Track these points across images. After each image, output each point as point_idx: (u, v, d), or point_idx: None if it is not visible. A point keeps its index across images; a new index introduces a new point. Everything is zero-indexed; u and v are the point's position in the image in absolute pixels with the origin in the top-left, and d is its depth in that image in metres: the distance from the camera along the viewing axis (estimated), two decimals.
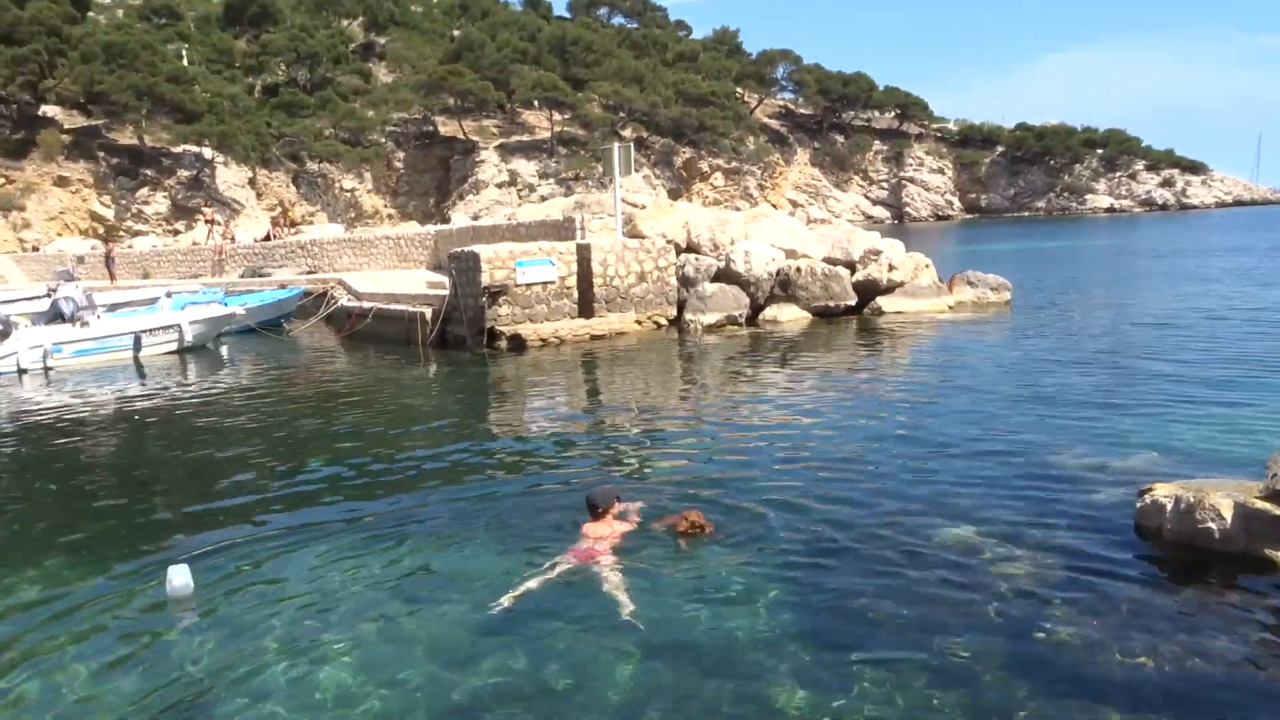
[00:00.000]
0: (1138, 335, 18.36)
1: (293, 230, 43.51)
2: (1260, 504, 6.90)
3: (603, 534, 7.77)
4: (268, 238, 40.54)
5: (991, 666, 5.68)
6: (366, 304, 24.93)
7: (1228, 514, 6.96)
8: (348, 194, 72.93)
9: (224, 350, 24.23)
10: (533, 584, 7.08)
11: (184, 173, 61.35)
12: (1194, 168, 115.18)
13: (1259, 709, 5.17)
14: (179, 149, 61.63)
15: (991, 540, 7.55)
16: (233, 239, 40.26)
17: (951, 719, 5.15)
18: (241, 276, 34.13)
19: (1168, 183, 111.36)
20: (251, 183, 64.85)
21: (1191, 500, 7.15)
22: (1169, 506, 7.30)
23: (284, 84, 75.67)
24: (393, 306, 23.77)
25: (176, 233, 56.85)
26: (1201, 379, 13.65)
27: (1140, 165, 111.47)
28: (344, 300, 26.69)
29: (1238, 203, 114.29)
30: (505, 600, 6.85)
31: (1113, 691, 5.35)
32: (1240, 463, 8.91)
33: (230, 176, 63.34)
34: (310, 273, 32.62)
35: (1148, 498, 7.56)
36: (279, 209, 57.97)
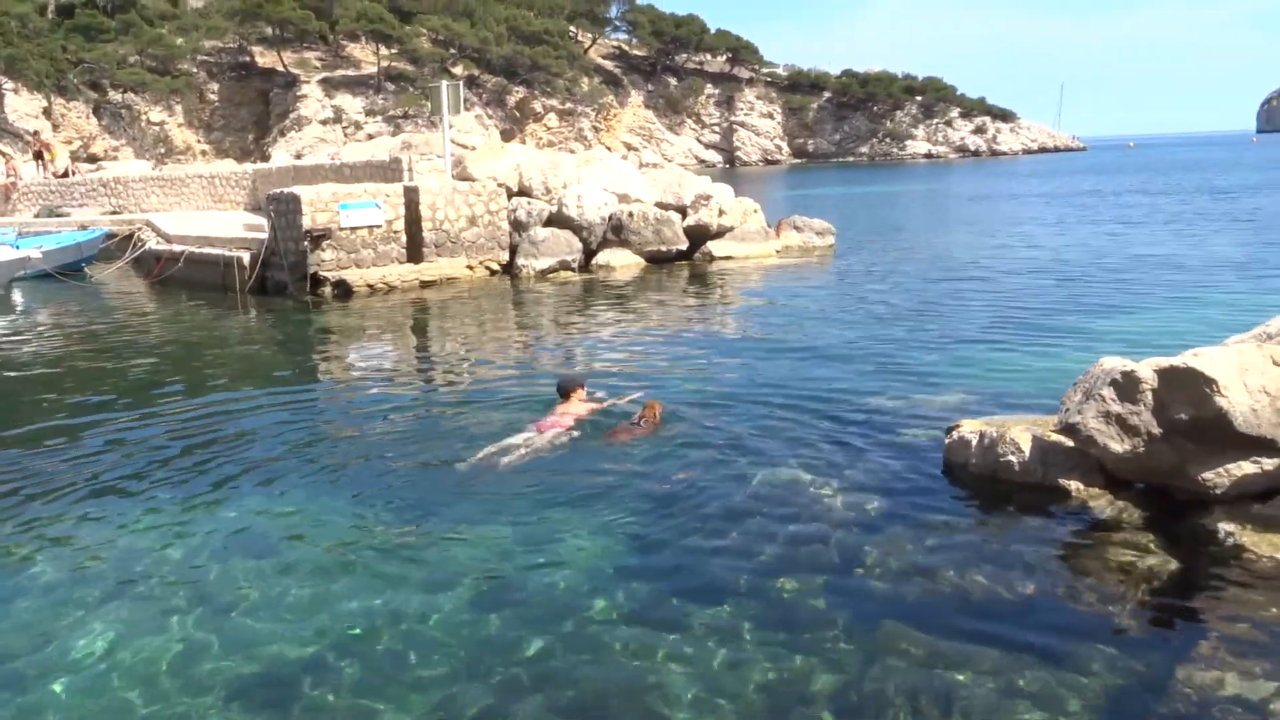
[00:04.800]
0: (950, 280, 19.32)
1: (68, 170, 38.33)
2: (1055, 437, 7.39)
3: (568, 411, 9.15)
4: (65, 174, 37.39)
5: (809, 600, 5.89)
6: (177, 247, 23.47)
7: (1026, 447, 7.42)
8: (156, 127, 68.29)
9: (17, 296, 22.38)
10: (491, 449, 8.45)
11: None
12: (1004, 115, 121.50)
13: (1047, 622, 5.56)
14: None
15: (807, 479, 7.80)
16: (20, 175, 36.83)
17: (771, 655, 5.31)
18: (36, 216, 31.48)
19: (980, 130, 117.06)
20: (47, 113, 59.80)
21: (994, 435, 7.59)
22: (974, 442, 7.72)
23: (80, 4, 69.60)
24: (207, 250, 22.45)
25: None
26: (1006, 322, 14.52)
27: (955, 113, 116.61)
28: (152, 243, 25.03)
29: (1042, 149, 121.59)
30: (470, 460, 8.29)
31: (921, 617, 5.63)
32: (1039, 399, 9.51)
33: (22, 105, 58.25)
34: (115, 213, 30.35)
35: (955, 434, 7.98)
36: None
